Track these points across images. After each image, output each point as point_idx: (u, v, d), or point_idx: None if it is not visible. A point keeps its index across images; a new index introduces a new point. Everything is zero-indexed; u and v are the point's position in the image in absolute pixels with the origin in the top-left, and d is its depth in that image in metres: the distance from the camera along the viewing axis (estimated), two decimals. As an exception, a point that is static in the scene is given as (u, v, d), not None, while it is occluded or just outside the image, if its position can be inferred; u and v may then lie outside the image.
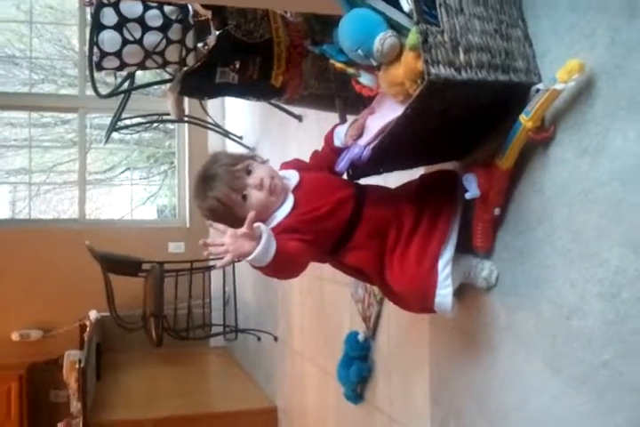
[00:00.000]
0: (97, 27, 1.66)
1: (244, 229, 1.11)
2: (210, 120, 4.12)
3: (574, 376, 1.06)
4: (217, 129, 4.21)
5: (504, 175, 1.17)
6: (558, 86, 1.00)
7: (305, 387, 2.80)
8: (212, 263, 4.01)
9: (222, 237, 1.12)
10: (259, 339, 3.69)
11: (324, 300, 2.53)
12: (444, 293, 1.22)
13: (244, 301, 4.08)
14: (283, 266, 1.18)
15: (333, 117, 1.68)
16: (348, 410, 2.21)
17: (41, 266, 4.58)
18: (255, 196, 1.30)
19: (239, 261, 1.14)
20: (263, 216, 1.28)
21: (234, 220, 1.22)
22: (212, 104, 4.37)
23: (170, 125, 5.11)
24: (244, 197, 1.30)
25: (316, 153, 1.47)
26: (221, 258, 1.13)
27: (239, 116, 4.41)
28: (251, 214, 1.13)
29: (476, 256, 1.30)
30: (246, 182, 1.31)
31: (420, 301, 1.26)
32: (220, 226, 1.13)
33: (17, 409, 4.24)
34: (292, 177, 1.37)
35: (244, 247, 1.11)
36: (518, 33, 1.13)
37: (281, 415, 3.28)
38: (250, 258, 1.11)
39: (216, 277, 4.20)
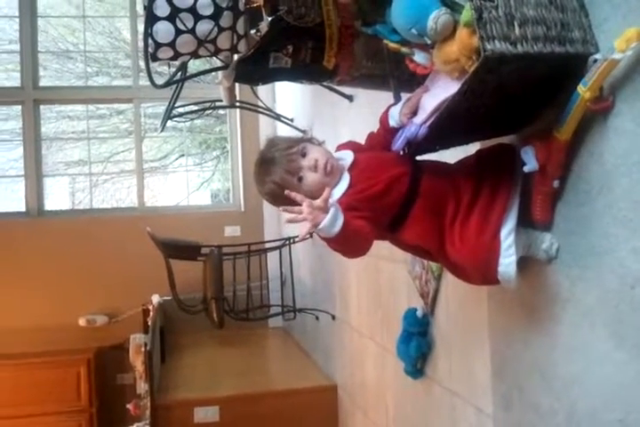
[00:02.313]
0: (151, 18, 1.70)
1: (319, 203, 1.15)
2: (261, 104, 4.14)
3: (638, 345, 1.06)
4: (268, 113, 4.22)
5: (562, 147, 1.17)
6: (616, 56, 1.00)
7: (364, 364, 2.83)
8: (267, 246, 4.08)
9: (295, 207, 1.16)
10: (317, 318, 3.71)
11: (381, 277, 2.54)
12: (508, 261, 1.22)
13: (300, 281, 4.12)
14: (349, 239, 1.21)
15: (384, 96, 1.69)
16: (407, 385, 2.23)
17: (104, 254, 4.71)
18: (310, 177, 1.34)
19: (310, 236, 1.17)
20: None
21: (293, 201, 1.26)
22: (263, 88, 4.38)
23: (221, 111, 5.16)
24: (300, 179, 1.34)
25: (371, 135, 1.49)
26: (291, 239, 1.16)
27: (290, 98, 4.42)
28: (327, 191, 1.17)
29: (536, 229, 1.30)
30: (301, 164, 1.34)
31: (483, 271, 1.26)
32: (299, 195, 1.17)
33: (86, 392, 4.39)
34: (347, 156, 1.39)
35: (319, 218, 1.14)
36: (573, 3, 1.11)
37: (341, 392, 3.32)
38: (320, 227, 1.15)
39: (272, 258, 4.25)
